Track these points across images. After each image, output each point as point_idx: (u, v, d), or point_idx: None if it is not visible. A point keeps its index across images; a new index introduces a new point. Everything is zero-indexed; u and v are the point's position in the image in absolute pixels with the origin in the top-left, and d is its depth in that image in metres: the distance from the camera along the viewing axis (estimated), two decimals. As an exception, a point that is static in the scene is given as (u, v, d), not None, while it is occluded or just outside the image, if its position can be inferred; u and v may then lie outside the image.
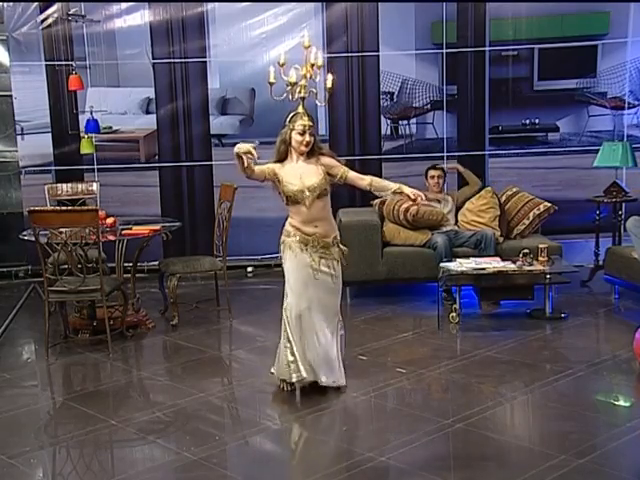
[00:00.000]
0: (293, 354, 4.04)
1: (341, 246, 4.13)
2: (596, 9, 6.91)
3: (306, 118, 3.99)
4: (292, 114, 4.03)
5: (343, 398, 4.14)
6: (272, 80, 4.05)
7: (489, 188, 6.35)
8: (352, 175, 4.09)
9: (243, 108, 7.14)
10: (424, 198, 4.12)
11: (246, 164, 3.88)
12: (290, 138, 4.02)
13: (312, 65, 4.01)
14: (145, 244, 5.49)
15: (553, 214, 6.21)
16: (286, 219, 4.15)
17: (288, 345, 4.06)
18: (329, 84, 4.08)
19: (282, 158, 4.08)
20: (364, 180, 4.10)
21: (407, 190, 4.06)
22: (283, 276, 4.17)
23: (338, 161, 4.13)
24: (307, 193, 3.98)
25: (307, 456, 3.64)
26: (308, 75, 4.01)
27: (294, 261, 4.05)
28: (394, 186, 4.09)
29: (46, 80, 6.80)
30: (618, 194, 6.23)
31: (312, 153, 4.06)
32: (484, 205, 6.17)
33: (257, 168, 4.00)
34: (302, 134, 3.99)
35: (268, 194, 4.18)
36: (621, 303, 5.76)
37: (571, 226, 6.71)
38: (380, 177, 6.73)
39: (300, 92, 4.03)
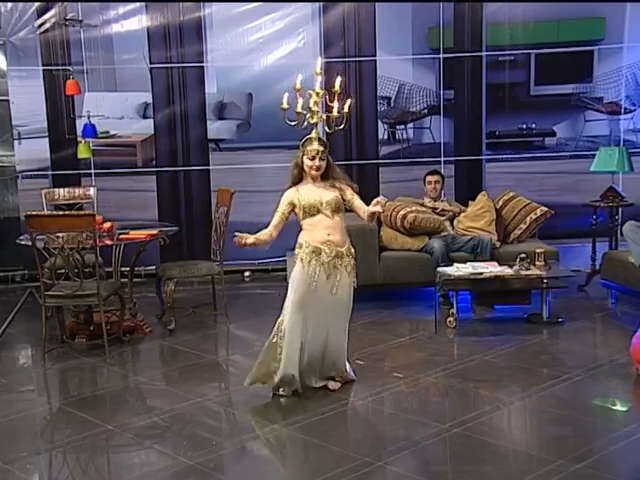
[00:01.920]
0: (278, 362, 4.12)
1: (352, 259, 4.18)
2: (592, 14, 6.94)
3: (316, 143, 4.03)
4: (305, 139, 4.09)
5: (340, 403, 4.14)
6: (285, 106, 4.08)
7: (484, 192, 6.36)
8: (357, 203, 4.14)
9: (240, 113, 7.14)
10: (383, 203, 4.02)
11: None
12: (302, 162, 4.08)
13: (317, 93, 4.02)
14: (142, 249, 5.49)
15: (550, 219, 6.23)
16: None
17: (277, 354, 4.13)
18: (346, 109, 4.07)
19: (297, 181, 4.15)
20: (361, 210, 4.13)
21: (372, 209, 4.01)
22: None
23: (350, 187, 4.18)
24: (325, 205, 4.07)
25: (304, 461, 3.64)
26: (314, 100, 4.01)
27: (301, 274, 4.10)
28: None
29: (43, 85, 6.81)
30: (614, 199, 6.25)
31: (326, 178, 4.13)
32: (480, 210, 6.17)
33: (274, 224, 4.12)
34: (312, 159, 4.04)
35: (265, 199, 4.22)
36: (618, 308, 5.77)
37: (568, 231, 6.73)
38: (378, 183, 6.92)
39: (312, 118, 4.05)
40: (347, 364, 4.34)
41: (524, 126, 7.11)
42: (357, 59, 6.89)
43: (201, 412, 4.10)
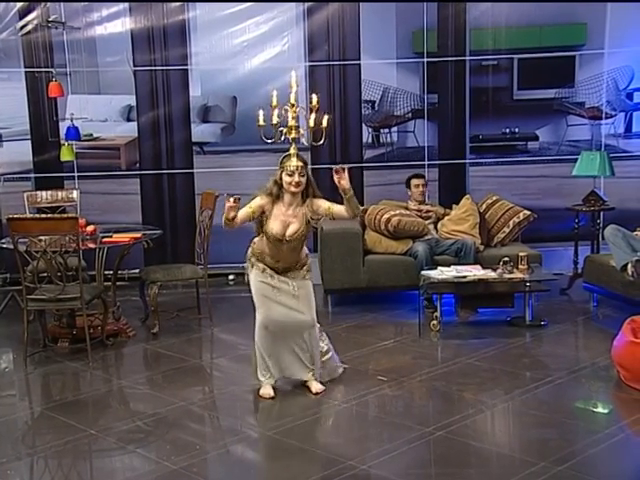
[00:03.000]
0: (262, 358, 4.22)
1: (305, 269, 4.20)
2: (573, 20, 7.02)
3: (295, 159, 4.01)
4: (284, 155, 4.07)
5: (324, 406, 4.14)
6: (261, 123, 4.05)
7: (468, 196, 6.40)
8: (336, 208, 4.10)
9: (225, 116, 7.14)
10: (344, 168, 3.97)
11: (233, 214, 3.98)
12: (281, 179, 4.05)
13: (292, 105, 3.99)
14: (126, 252, 5.46)
15: (533, 222, 6.27)
16: None
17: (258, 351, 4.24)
18: (323, 123, 4.02)
19: (274, 196, 4.10)
20: (342, 208, 4.09)
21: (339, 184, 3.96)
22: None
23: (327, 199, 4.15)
24: (285, 241, 4.07)
25: (288, 465, 3.63)
26: (291, 115, 4.00)
27: (256, 278, 4.18)
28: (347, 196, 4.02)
29: (26, 87, 6.76)
30: (596, 203, 6.30)
31: (305, 197, 4.10)
32: (464, 213, 6.20)
33: (240, 215, 4.07)
34: (291, 175, 4.01)
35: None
36: (599, 311, 5.82)
37: (550, 234, 6.78)
38: (362, 187, 6.93)
39: (290, 133, 4.02)
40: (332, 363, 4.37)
41: (507, 130, 7.16)
42: (341, 63, 6.91)
43: (185, 416, 4.08)
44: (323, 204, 4.10)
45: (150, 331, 5.48)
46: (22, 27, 6.68)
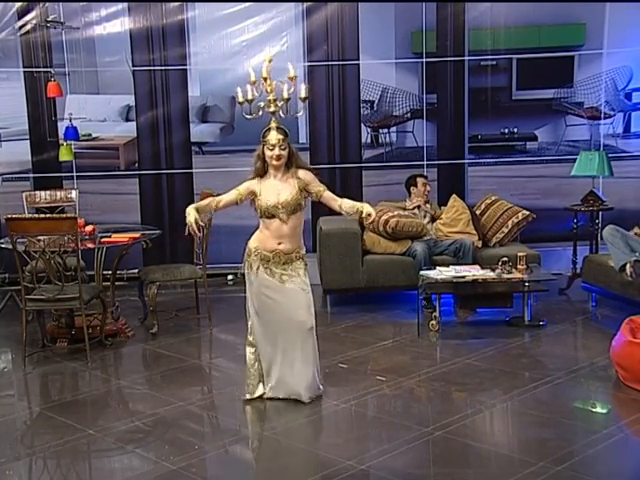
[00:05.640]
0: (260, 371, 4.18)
1: (304, 263, 4.11)
2: (572, 21, 7.02)
3: (275, 132, 3.99)
4: (264, 129, 4.04)
5: (323, 406, 4.14)
6: (240, 100, 4.07)
7: (454, 196, 6.37)
8: (327, 195, 4.08)
9: (224, 116, 7.14)
10: (375, 218, 4.07)
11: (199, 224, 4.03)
12: (264, 154, 4.04)
13: (265, 78, 4.00)
14: (124, 252, 5.46)
15: (531, 222, 6.27)
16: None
17: (256, 363, 4.18)
18: (303, 94, 4.06)
19: (261, 174, 4.08)
20: (336, 201, 4.08)
21: (366, 211, 3.98)
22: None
23: (316, 175, 4.12)
24: (281, 209, 3.99)
25: (287, 465, 3.64)
26: (269, 89, 4.00)
27: (254, 282, 4.09)
28: (358, 205, 4.03)
29: (24, 87, 6.76)
30: (595, 203, 6.30)
31: (289, 166, 4.06)
32: (455, 213, 6.21)
33: (226, 197, 4.09)
34: (272, 149, 3.99)
35: (248, 202, 4.19)
36: (598, 311, 5.82)
37: (549, 234, 6.78)
38: (361, 187, 6.95)
39: (270, 107, 4.03)
40: (317, 383, 4.20)
41: (506, 130, 7.16)
42: (340, 63, 6.91)
43: (183, 416, 4.08)
44: (314, 184, 4.06)
45: (149, 331, 5.48)
46: (21, 27, 6.68)
